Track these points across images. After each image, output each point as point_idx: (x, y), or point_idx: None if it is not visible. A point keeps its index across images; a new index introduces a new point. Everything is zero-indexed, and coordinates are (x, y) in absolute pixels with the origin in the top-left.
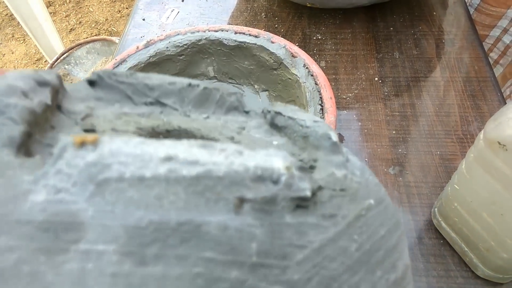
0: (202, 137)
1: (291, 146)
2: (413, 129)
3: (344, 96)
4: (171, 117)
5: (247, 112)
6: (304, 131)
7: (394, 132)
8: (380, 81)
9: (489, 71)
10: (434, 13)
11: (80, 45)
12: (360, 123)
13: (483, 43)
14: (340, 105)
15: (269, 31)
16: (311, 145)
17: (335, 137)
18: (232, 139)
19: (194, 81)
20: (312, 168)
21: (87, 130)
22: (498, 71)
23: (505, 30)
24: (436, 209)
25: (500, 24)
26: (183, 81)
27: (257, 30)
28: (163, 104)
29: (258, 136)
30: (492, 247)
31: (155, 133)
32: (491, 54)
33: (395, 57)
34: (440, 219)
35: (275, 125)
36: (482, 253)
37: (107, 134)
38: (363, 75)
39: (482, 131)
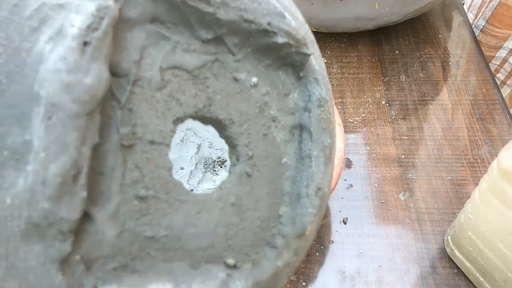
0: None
1: None
2: (422, 153)
3: (351, 120)
4: (217, 84)
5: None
6: None
7: (403, 156)
8: (387, 104)
9: (497, 93)
10: (439, 35)
11: None
12: (368, 148)
13: (490, 64)
14: (347, 129)
15: None
16: None
17: None
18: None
19: (271, 28)
20: None
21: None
22: (506, 91)
23: (511, 51)
24: (449, 237)
25: (506, 45)
26: (260, 26)
27: None
28: (223, 43)
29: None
30: (509, 279)
31: (195, 116)
32: (498, 75)
33: (401, 80)
34: (453, 248)
35: None
36: (499, 285)
37: None
38: (369, 99)
39: (496, 160)
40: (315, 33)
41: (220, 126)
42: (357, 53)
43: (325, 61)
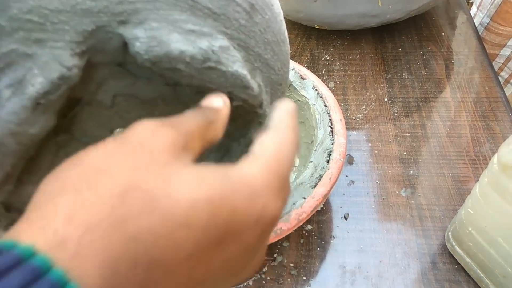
0: None
1: None
2: (424, 150)
3: (354, 117)
4: (166, 109)
5: None
6: None
7: (405, 153)
8: (389, 101)
9: (500, 91)
10: (443, 33)
11: None
12: (370, 144)
13: (493, 63)
14: (349, 126)
15: None
16: None
17: None
18: None
19: (229, 95)
20: None
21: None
22: (509, 90)
23: None
24: (449, 233)
25: (510, 43)
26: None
27: None
28: (184, 87)
29: None
30: (509, 274)
31: None
32: (502, 73)
33: (404, 77)
34: (454, 244)
35: None
36: (499, 280)
37: None
38: (372, 96)
39: (496, 155)
40: (318, 30)
41: None
42: (360, 50)
43: (328, 58)
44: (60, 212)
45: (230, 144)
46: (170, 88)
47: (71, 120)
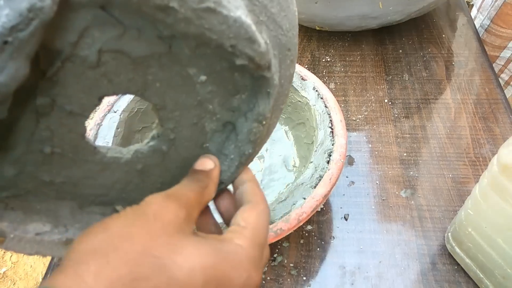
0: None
1: None
2: (424, 151)
3: (354, 118)
4: (160, 74)
5: None
6: None
7: (405, 154)
8: (390, 103)
9: (500, 93)
10: (443, 35)
11: None
12: (370, 145)
13: (494, 64)
14: (350, 127)
15: None
16: None
17: None
18: None
19: (232, 50)
20: None
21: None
22: (510, 92)
23: None
24: (449, 234)
25: (510, 45)
26: (221, 46)
27: None
28: (179, 42)
29: None
30: (509, 275)
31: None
32: (502, 75)
33: (404, 79)
34: (454, 245)
35: None
36: (498, 281)
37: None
38: (372, 97)
39: (496, 156)
40: (319, 31)
41: (153, 107)
42: (361, 52)
43: (328, 59)
44: (91, 270)
45: (236, 120)
46: (165, 44)
47: (52, 81)
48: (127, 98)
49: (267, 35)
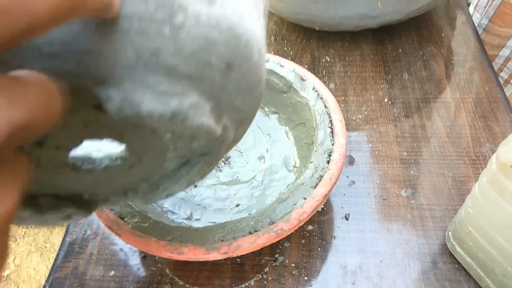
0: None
1: None
2: (424, 150)
3: (354, 118)
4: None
5: None
6: None
7: (405, 153)
8: (389, 102)
9: (500, 91)
10: (443, 34)
11: None
12: (370, 145)
13: (493, 64)
14: (350, 127)
15: (278, 54)
16: None
17: None
18: None
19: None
20: None
21: None
22: (509, 90)
23: None
24: (450, 232)
25: (509, 44)
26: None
27: (267, 54)
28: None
29: None
30: (509, 273)
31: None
32: (501, 74)
33: (404, 78)
34: (454, 243)
35: None
36: (499, 279)
37: None
38: (372, 97)
39: (495, 154)
40: (319, 32)
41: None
42: (360, 51)
43: (328, 59)
44: None
45: (192, 157)
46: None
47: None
48: None
49: (228, 118)
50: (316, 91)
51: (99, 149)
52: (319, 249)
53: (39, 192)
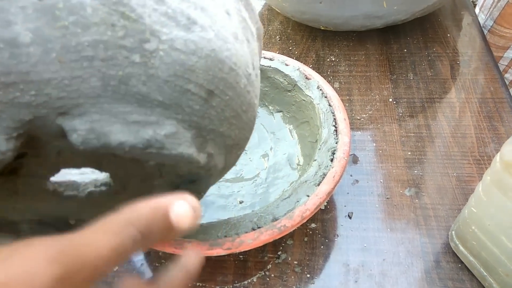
0: None
1: None
2: (428, 150)
3: (358, 117)
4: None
5: None
6: None
7: (409, 153)
8: (394, 102)
9: (505, 92)
10: (448, 34)
11: None
12: (374, 144)
13: (498, 64)
14: (354, 126)
15: (283, 53)
16: None
17: None
18: None
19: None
20: None
21: None
22: None
23: None
24: (453, 232)
25: None
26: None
27: (272, 53)
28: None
29: None
30: None
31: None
32: (506, 75)
33: (409, 78)
34: (457, 243)
35: None
36: (502, 278)
37: None
38: (377, 96)
39: (499, 154)
40: (324, 31)
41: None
42: (365, 51)
43: (333, 59)
44: None
45: (180, 184)
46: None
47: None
48: None
49: (213, 146)
50: (321, 89)
51: (83, 172)
52: (322, 247)
53: (20, 219)
